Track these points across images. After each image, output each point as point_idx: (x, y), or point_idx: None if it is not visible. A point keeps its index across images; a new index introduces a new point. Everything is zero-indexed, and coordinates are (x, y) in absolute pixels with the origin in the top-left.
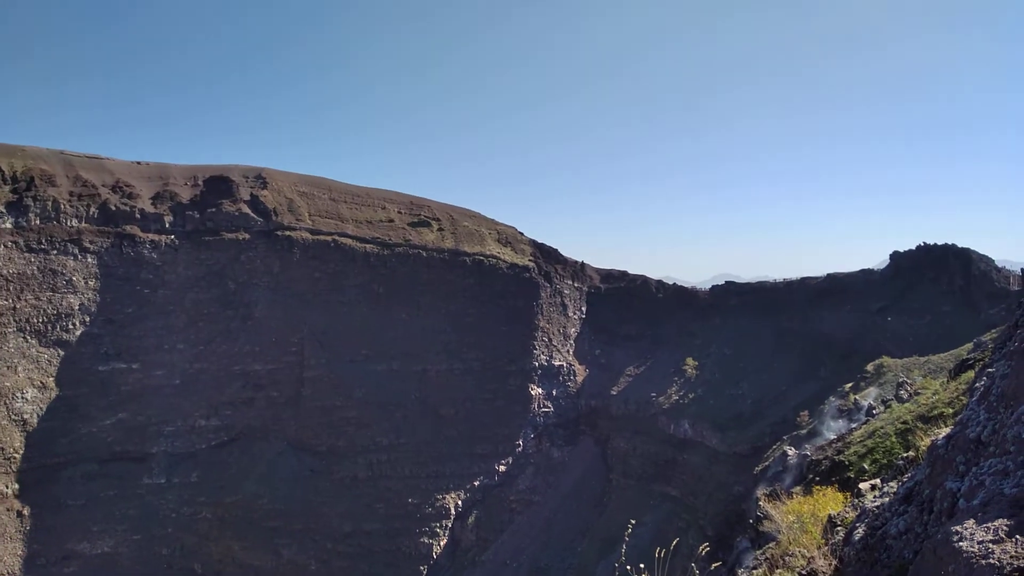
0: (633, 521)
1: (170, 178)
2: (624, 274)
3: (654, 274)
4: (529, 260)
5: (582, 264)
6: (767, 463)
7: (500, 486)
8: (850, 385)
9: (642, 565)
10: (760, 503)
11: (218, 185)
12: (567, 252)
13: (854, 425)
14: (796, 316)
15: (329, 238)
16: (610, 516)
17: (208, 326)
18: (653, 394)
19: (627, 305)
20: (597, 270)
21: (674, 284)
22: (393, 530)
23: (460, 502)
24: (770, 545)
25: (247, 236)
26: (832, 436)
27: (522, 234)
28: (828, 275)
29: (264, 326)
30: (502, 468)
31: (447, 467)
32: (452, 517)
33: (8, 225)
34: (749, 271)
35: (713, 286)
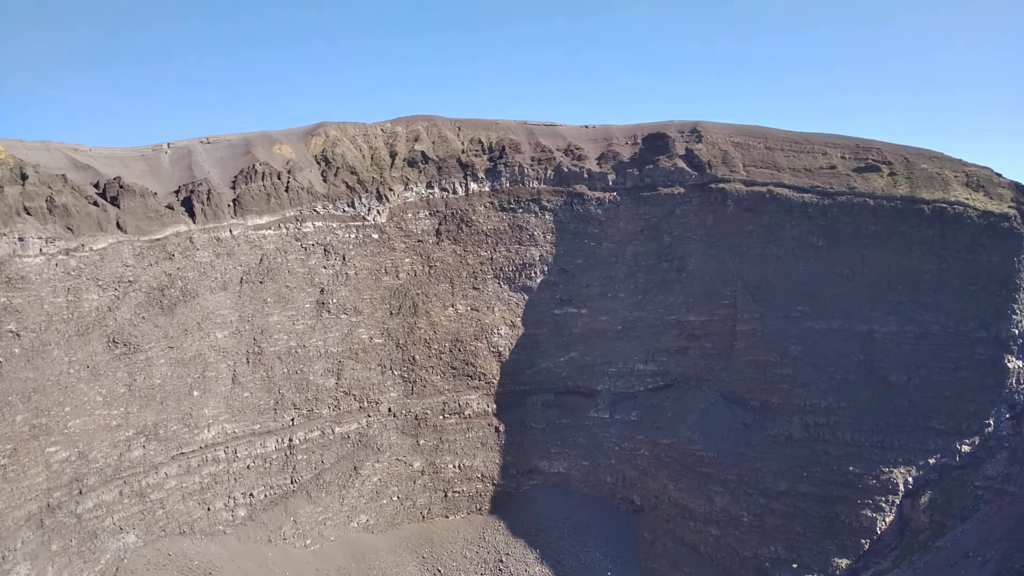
0: None
1: (612, 139)
2: None
3: None
4: (1008, 207)
5: None
6: None
7: (962, 468)
8: None
9: None
10: None
11: (655, 142)
12: None
13: None
14: None
15: (764, 188)
16: None
17: (645, 277)
18: None
19: None
20: None
21: None
22: (831, 496)
23: (911, 479)
24: None
25: (681, 190)
26: None
27: (999, 176)
28: None
29: (697, 278)
30: (965, 448)
31: (895, 439)
32: (900, 493)
33: (487, 188)
34: None
35: None
